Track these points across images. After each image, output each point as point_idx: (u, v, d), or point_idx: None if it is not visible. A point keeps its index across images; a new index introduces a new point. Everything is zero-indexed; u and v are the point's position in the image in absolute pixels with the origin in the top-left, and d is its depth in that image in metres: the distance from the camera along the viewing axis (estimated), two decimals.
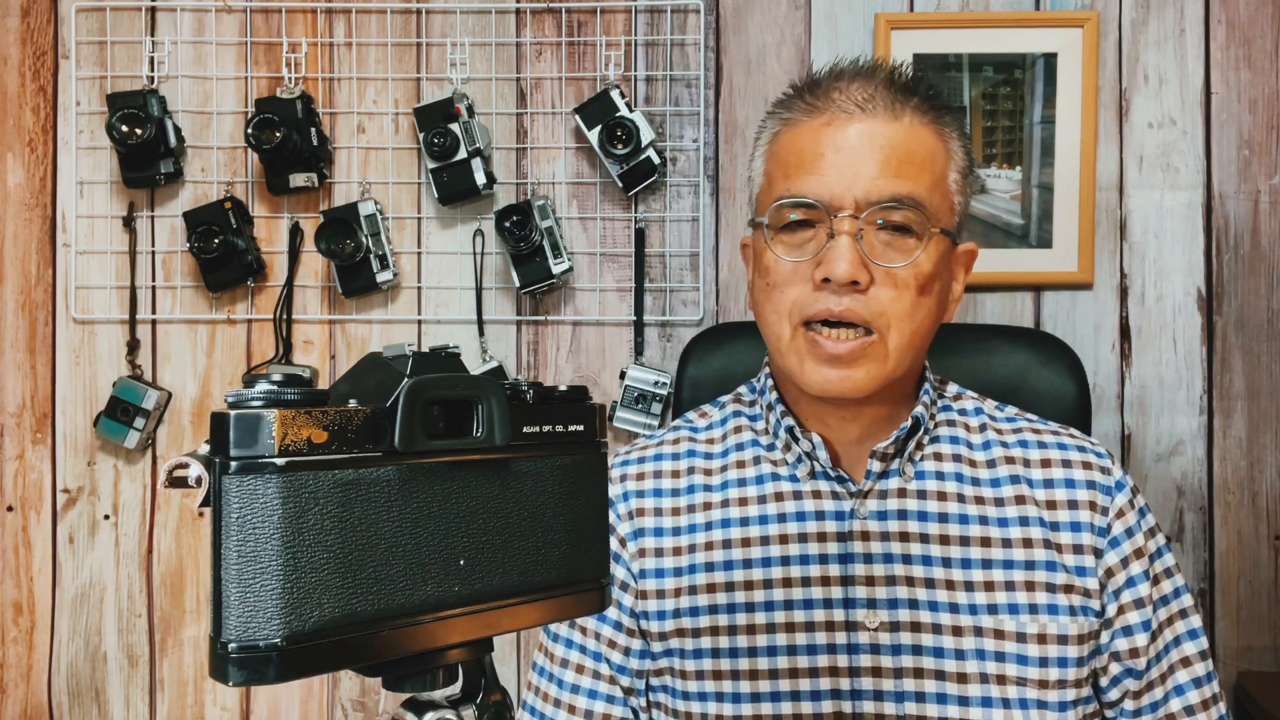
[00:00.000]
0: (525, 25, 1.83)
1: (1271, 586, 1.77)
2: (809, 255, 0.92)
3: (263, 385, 0.48)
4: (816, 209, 0.91)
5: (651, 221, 1.82)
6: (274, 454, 0.46)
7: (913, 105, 0.94)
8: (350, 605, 0.48)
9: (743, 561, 0.98)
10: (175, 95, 1.84)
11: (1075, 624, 0.94)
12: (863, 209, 0.90)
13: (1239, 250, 1.78)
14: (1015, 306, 1.80)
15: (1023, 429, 1.03)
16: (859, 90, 0.94)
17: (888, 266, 0.91)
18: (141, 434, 1.79)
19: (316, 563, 0.47)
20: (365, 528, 0.49)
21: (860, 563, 0.96)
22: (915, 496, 0.98)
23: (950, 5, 1.80)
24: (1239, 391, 1.78)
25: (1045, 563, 0.95)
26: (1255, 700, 1.61)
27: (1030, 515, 0.97)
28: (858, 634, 0.94)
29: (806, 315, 0.92)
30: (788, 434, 1.00)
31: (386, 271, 1.78)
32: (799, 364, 0.94)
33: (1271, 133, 1.78)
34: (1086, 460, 1.00)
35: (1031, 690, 0.92)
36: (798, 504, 0.99)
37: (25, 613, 1.86)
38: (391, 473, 0.50)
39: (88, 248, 1.85)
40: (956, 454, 1.00)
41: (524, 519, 0.56)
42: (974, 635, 0.93)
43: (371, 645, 0.49)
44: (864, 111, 0.93)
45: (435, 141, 1.72)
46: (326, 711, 1.85)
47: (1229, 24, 1.78)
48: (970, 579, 0.95)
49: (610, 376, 1.82)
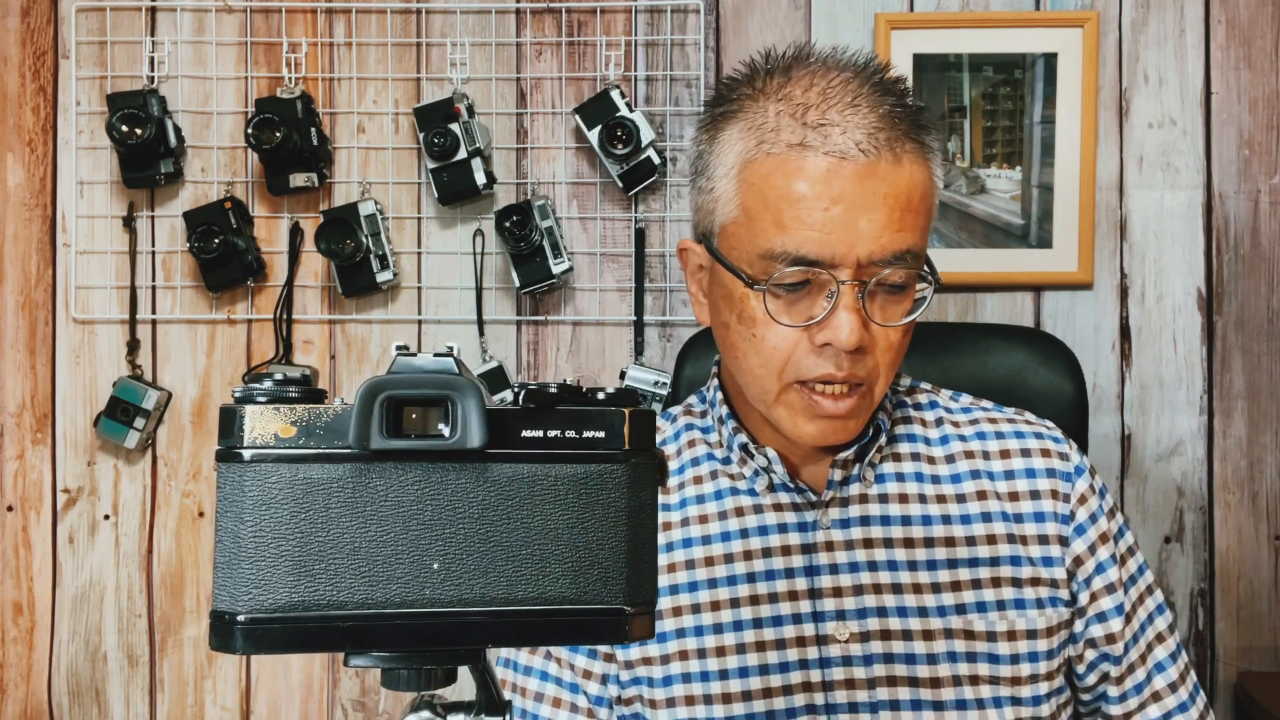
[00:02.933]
0: (525, 25, 1.83)
1: (1271, 586, 1.77)
2: (804, 321, 0.86)
3: (267, 383, 0.52)
4: (813, 269, 0.85)
5: (651, 221, 1.82)
6: (243, 445, 0.52)
7: (905, 132, 0.86)
8: (307, 594, 0.52)
9: (707, 582, 0.95)
10: (175, 95, 1.84)
11: (1043, 617, 0.93)
12: (864, 267, 0.85)
13: (1239, 250, 1.78)
14: (1015, 306, 1.80)
15: (979, 419, 1.01)
16: (859, 125, 0.85)
17: (886, 325, 0.88)
18: (141, 434, 1.79)
19: (276, 549, 0.52)
20: (322, 521, 0.52)
21: (827, 574, 0.94)
22: (877, 501, 0.96)
23: (950, 5, 1.80)
24: (1239, 391, 1.78)
25: (1009, 558, 0.94)
26: (1255, 700, 1.61)
27: (993, 510, 0.96)
28: (829, 647, 0.92)
29: (805, 378, 0.88)
30: (741, 450, 0.97)
31: (386, 271, 1.78)
32: (790, 419, 0.90)
33: (1271, 133, 1.78)
34: (1045, 447, 0.99)
35: (1004, 688, 0.92)
36: (759, 518, 0.96)
37: (25, 613, 1.86)
38: (346, 470, 0.52)
39: (88, 248, 1.85)
40: (915, 453, 0.99)
41: (517, 529, 0.53)
42: (944, 638, 0.92)
43: (331, 635, 0.52)
44: (865, 156, 0.84)
45: (435, 141, 1.72)
46: (326, 711, 1.85)
47: (1229, 24, 1.78)
48: (937, 580, 0.93)
49: (610, 376, 1.82)
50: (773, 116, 0.86)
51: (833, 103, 0.85)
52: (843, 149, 0.84)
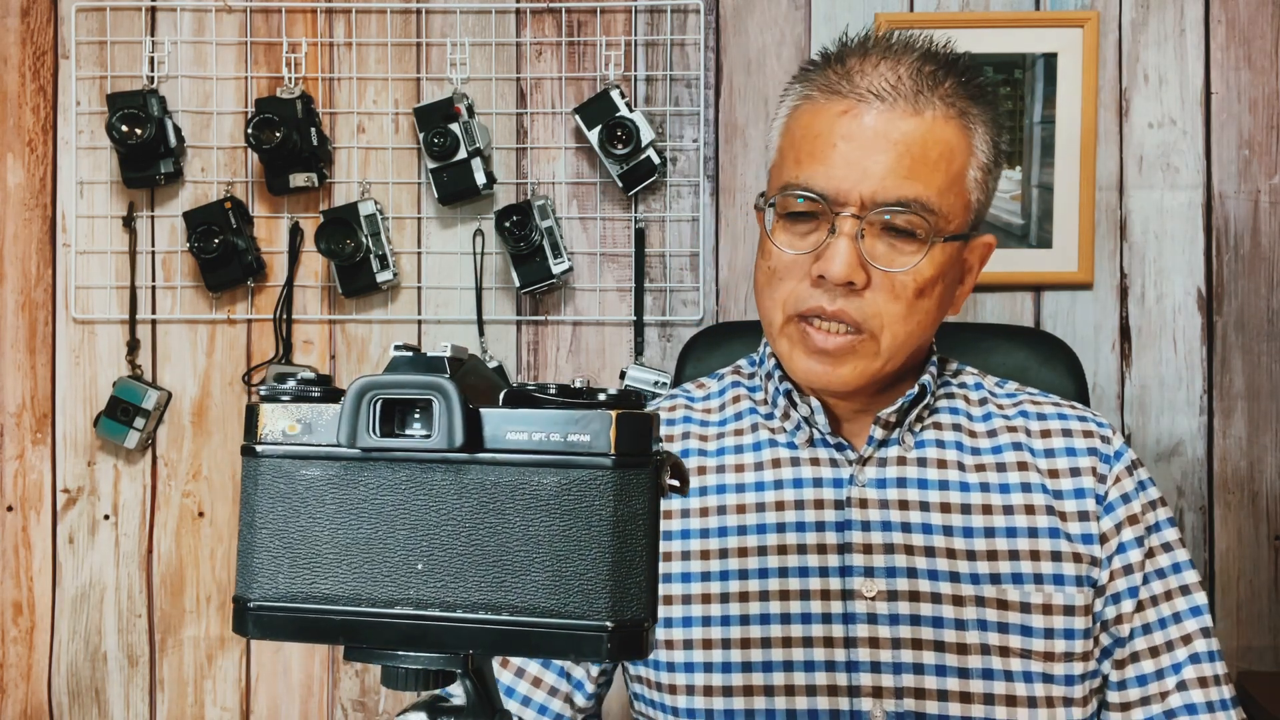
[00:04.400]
0: (525, 25, 1.83)
1: (1271, 586, 1.77)
2: (809, 249, 0.90)
3: (290, 381, 0.55)
4: (820, 202, 0.89)
5: (651, 221, 1.82)
6: (257, 441, 0.54)
7: (940, 94, 0.89)
8: (306, 585, 0.53)
9: (737, 528, 0.96)
10: (175, 95, 1.84)
11: (1082, 594, 0.92)
12: (867, 208, 0.88)
13: (1239, 250, 1.78)
14: (1015, 306, 1.80)
15: (1023, 402, 1.02)
16: (884, 74, 0.89)
17: (886, 270, 0.89)
18: (141, 434, 1.79)
19: (280, 540, 0.54)
20: (319, 515, 0.54)
21: (859, 530, 0.94)
22: (915, 464, 0.96)
23: (950, 5, 1.80)
24: (1239, 391, 1.78)
25: (1049, 530, 0.93)
26: (1255, 700, 1.61)
27: (1033, 482, 0.95)
28: (854, 603, 0.92)
29: (800, 310, 0.91)
30: (786, 399, 0.99)
31: (386, 271, 1.78)
32: (789, 352, 0.93)
33: (1271, 133, 1.78)
34: (1088, 429, 0.99)
35: (1036, 663, 0.90)
36: (795, 471, 0.97)
37: (25, 613, 1.86)
38: (338, 467, 0.53)
39: (88, 248, 1.85)
40: (956, 424, 0.99)
41: (499, 534, 0.51)
42: (975, 605, 0.91)
43: (327, 628, 0.53)
44: (883, 101, 0.88)
45: (435, 141, 1.72)
46: (326, 711, 1.85)
47: (1229, 24, 1.78)
48: (972, 548, 0.93)
49: (610, 376, 1.82)
50: (827, 76, 0.93)
51: (874, 61, 0.91)
52: (862, 93, 0.89)
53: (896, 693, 0.90)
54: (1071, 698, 0.91)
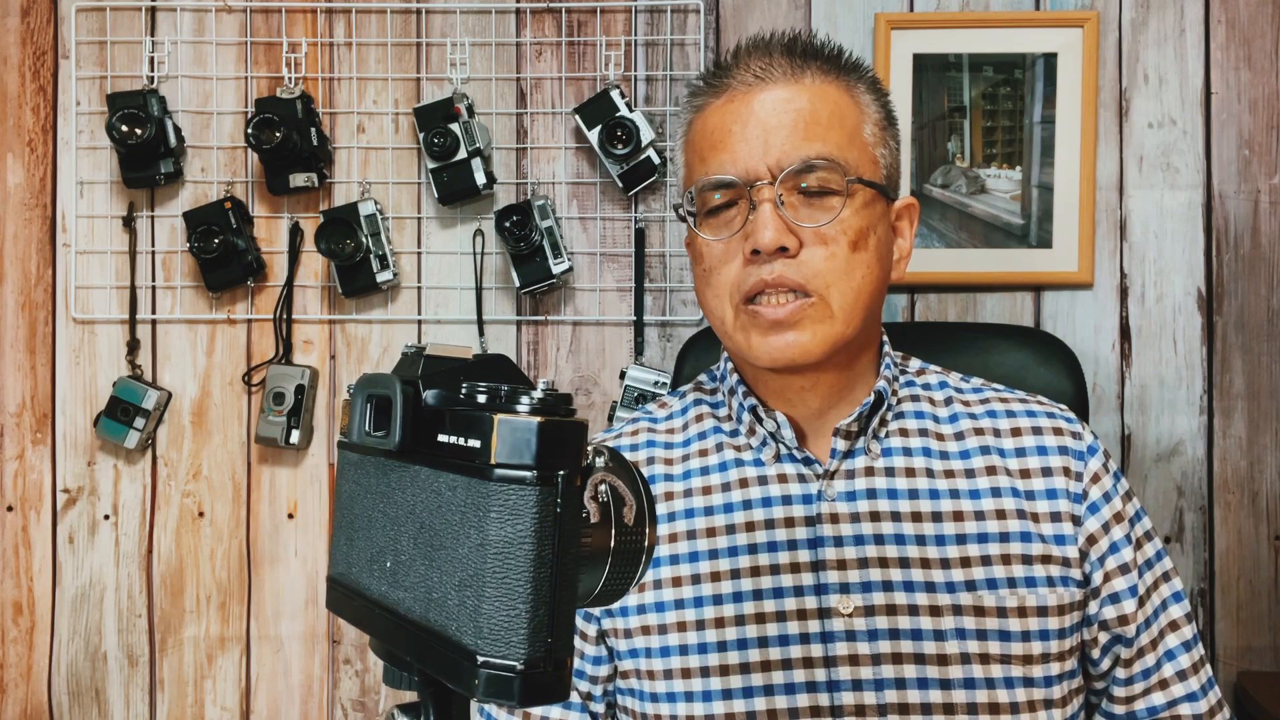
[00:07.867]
0: (525, 25, 1.83)
1: (1271, 586, 1.77)
2: (736, 230, 0.92)
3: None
4: (735, 186, 0.92)
5: (651, 221, 1.82)
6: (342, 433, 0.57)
7: (814, 67, 0.94)
8: (344, 566, 0.57)
9: (708, 553, 0.95)
10: (175, 95, 1.84)
11: (1054, 594, 0.92)
12: (778, 175, 0.90)
13: (1239, 250, 1.78)
14: (1015, 306, 1.80)
15: (990, 399, 1.01)
16: (757, 62, 0.95)
17: (814, 227, 0.90)
18: (141, 434, 1.79)
19: (337, 523, 0.58)
20: (347, 503, 0.58)
21: (831, 546, 0.93)
22: (883, 474, 0.96)
23: (950, 5, 1.80)
24: (1239, 391, 1.78)
25: (1020, 534, 0.93)
26: (1255, 700, 1.61)
27: (1003, 486, 0.95)
28: (831, 621, 0.91)
29: (745, 292, 0.92)
30: (751, 415, 0.98)
31: (386, 271, 1.78)
32: (746, 340, 0.93)
33: (1271, 133, 1.78)
34: (1057, 426, 0.98)
35: (1016, 667, 0.90)
36: (763, 489, 0.96)
37: (25, 613, 1.86)
38: (351, 458, 0.58)
39: (88, 248, 1.85)
40: (923, 428, 0.98)
41: (436, 540, 0.48)
42: (953, 614, 0.90)
43: (349, 610, 0.56)
44: (763, 81, 0.93)
45: (435, 141, 1.72)
46: (326, 711, 1.85)
47: (1229, 24, 1.78)
48: (945, 555, 0.92)
49: (610, 376, 1.82)
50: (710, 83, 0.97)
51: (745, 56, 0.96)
52: (744, 80, 0.94)
53: (880, 710, 0.89)
54: (1051, 699, 0.92)
